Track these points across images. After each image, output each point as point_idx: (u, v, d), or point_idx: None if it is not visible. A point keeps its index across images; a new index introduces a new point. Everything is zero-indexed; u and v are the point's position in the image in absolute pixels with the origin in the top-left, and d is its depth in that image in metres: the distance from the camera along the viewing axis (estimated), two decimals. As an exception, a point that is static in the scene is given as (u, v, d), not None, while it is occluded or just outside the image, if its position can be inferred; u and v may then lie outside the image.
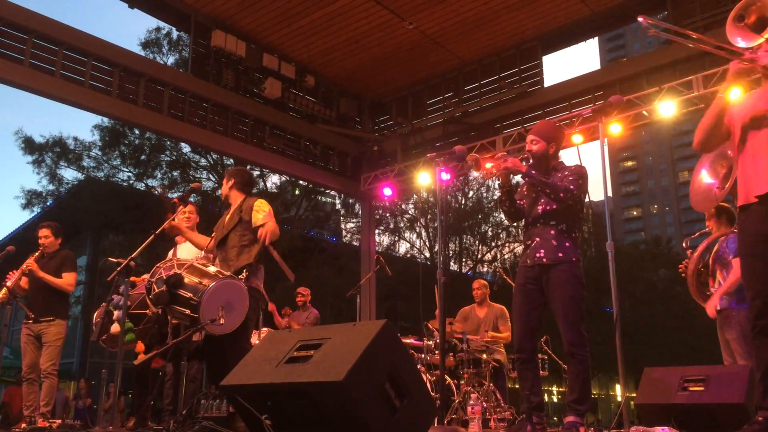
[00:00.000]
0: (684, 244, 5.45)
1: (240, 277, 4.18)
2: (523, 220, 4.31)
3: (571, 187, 3.98)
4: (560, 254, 3.97)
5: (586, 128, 8.72)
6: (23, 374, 5.77)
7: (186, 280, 3.87)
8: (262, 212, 4.49)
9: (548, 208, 4.09)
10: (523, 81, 9.97)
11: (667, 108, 8.22)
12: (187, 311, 3.81)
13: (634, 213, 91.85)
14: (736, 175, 3.18)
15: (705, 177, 4.53)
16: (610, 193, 5.52)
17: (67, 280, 5.84)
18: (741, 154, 3.11)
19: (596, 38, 10.71)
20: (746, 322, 4.69)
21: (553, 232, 4.03)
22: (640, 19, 3.11)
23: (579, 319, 3.92)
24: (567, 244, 4.00)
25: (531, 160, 4.16)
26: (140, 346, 4.77)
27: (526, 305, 4.08)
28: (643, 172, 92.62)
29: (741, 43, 2.85)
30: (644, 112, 8.54)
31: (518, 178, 4.53)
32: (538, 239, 4.07)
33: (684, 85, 8.19)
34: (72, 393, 17.12)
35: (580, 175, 4.08)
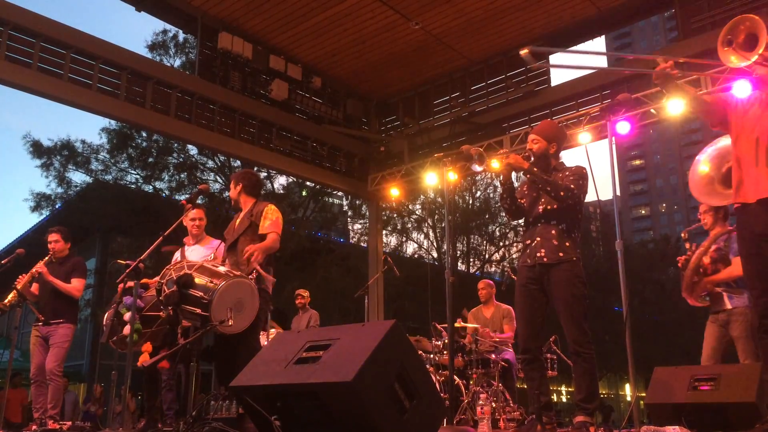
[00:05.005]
0: (683, 235, 5.42)
1: (249, 277, 4.20)
2: (523, 220, 4.32)
3: (572, 186, 4.00)
4: (561, 254, 3.99)
5: (594, 127, 8.70)
6: (31, 376, 5.80)
7: (196, 280, 3.89)
8: (269, 220, 4.51)
9: (549, 207, 4.10)
10: (530, 80, 9.94)
11: (675, 106, 8.16)
12: (198, 310, 3.83)
13: (643, 212, 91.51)
14: (734, 176, 3.21)
15: (704, 166, 4.48)
16: (618, 192, 5.50)
17: (76, 285, 5.87)
18: (740, 157, 3.16)
19: (603, 37, 10.64)
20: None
21: (553, 231, 4.05)
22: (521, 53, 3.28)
23: (582, 318, 3.93)
24: (567, 244, 4.02)
25: (532, 159, 4.17)
26: (147, 347, 4.78)
27: (529, 305, 4.09)
28: (652, 171, 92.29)
29: (736, 62, 2.91)
30: (652, 110, 8.51)
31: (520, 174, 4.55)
32: (538, 239, 4.08)
33: (692, 83, 8.15)
34: (83, 396, 17.20)
35: (580, 175, 4.09)
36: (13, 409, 10.91)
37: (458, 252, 25.26)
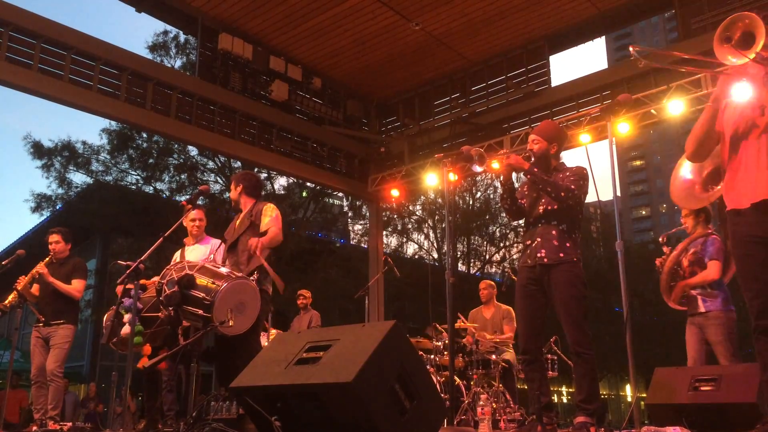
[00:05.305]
0: (660, 239, 5.47)
1: (251, 278, 4.21)
2: (524, 220, 4.32)
3: (572, 186, 3.99)
4: (561, 254, 3.99)
5: (594, 127, 8.69)
6: (32, 377, 5.80)
7: (198, 281, 3.89)
8: (268, 217, 4.53)
9: (549, 207, 4.10)
10: (530, 81, 9.93)
11: (675, 106, 8.18)
12: (200, 311, 3.82)
13: (643, 212, 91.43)
14: (726, 179, 3.21)
15: (686, 172, 4.55)
16: (618, 193, 5.49)
17: (76, 286, 5.87)
18: (731, 160, 3.16)
19: (603, 37, 10.63)
20: (733, 324, 4.81)
21: (554, 232, 4.05)
22: (631, 48, 3.22)
23: (583, 319, 3.93)
24: (568, 245, 4.01)
25: (532, 159, 4.17)
26: (147, 349, 4.78)
27: (529, 306, 4.09)
28: (652, 171, 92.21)
29: (732, 60, 2.90)
30: (652, 111, 8.51)
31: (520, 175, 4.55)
32: (539, 239, 4.08)
33: (692, 84, 8.15)
34: (83, 397, 17.22)
35: (581, 175, 4.09)
36: (10, 409, 10.91)
37: (458, 253, 25.26)
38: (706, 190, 4.38)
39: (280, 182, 22.65)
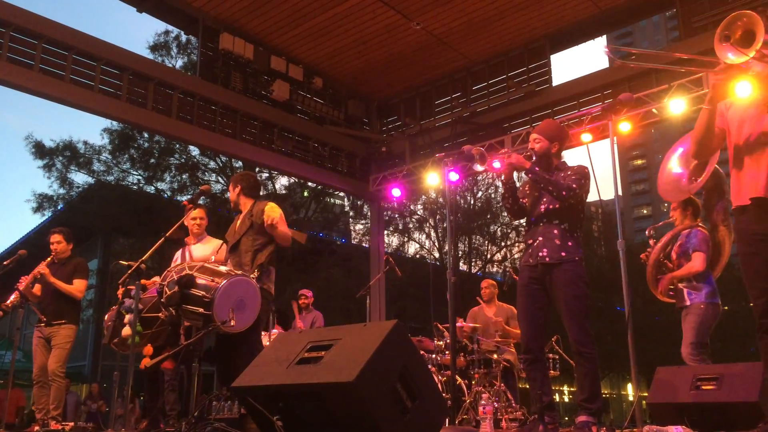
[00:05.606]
0: (647, 233, 5.48)
1: (252, 276, 4.21)
2: (525, 219, 4.32)
3: (574, 185, 3.99)
4: (563, 253, 3.98)
5: (596, 127, 8.69)
6: (34, 377, 5.81)
7: (198, 280, 3.89)
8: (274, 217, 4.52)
9: (551, 207, 4.09)
10: (531, 80, 9.93)
11: (676, 105, 8.16)
12: (201, 309, 3.83)
13: (645, 212, 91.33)
14: (731, 176, 3.23)
15: (675, 166, 4.57)
16: (620, 192, 5.49)
17: (78, 286, 5.88)
18: (736, 158, 3.17)
19: (604, 36, 10.62)
20: (711, 316, 4.85)
21: (556, 231, 4.04)
22: (605, 49, 3.27)
23: (585, 318, 3.92)
24: (570, 244, 4.01)
25: (534, 158, 4.16)
26: (148, 349, 4.79)
27: (531, 305, 4.08)
28: (653, 171, 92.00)
29: (732, 58, 2.90)
30: (654, 110, 8.50)
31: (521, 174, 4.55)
32: (541, 238, 4.07)
33: (694, 83, 8.14)
34: (84, 396, 17.24)
35: (582, 174, 4.08)
36: (9, 409, 10.92)
37: (460, 252, 25.25)
38: (690, 181, 4.42)
39: (282, 182, 22.71)
